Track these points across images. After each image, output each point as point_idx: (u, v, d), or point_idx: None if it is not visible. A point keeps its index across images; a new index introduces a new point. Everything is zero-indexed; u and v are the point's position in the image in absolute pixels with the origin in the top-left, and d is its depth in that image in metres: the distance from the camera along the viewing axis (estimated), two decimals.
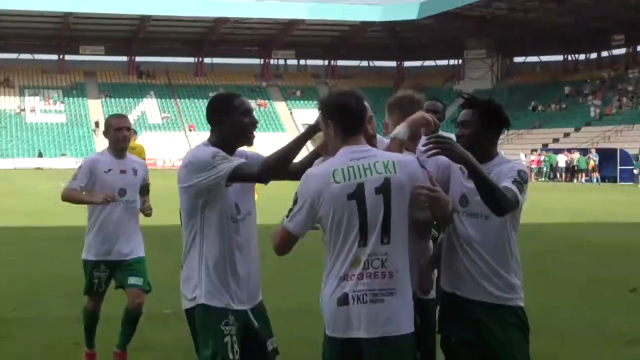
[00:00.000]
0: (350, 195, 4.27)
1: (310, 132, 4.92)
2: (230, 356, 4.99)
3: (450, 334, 4.75)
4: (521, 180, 4.53)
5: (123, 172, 6.57)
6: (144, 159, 23.07)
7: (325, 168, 4.40)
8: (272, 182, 5.15)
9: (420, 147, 4.80)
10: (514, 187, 4.44)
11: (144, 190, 7.56)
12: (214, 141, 5.07)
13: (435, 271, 5.10)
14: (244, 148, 5.22)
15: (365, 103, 4.67)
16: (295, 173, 4.94)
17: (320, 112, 4.59)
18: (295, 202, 4.38)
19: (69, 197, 7.12)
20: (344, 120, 4.42)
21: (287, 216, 4.41)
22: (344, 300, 4.29)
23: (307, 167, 4.82)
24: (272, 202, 17.20)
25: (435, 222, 4.92)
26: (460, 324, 4.68)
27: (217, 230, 4.97)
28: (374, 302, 4.28)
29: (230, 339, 5.02)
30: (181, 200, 5.10)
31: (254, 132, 5.15)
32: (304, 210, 4.35)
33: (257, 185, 19.60)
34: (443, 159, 4.57)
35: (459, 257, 4.77)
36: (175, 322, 9.98)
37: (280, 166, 4.86)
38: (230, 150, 5.03)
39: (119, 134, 6.70)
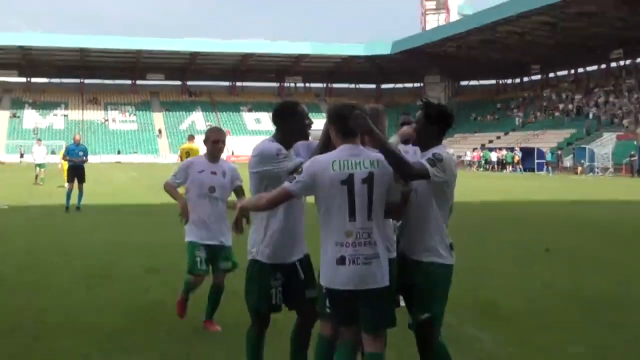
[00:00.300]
0: (342, 181, 4.32)
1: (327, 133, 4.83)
2: (273, 302, 5.09)
3: (399, 281, 4.73)
4: (434, 158, 4.50)
5: (214, 173, 6.41)
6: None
7: (328, 157, 4.42)
8: None
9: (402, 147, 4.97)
10: (425, 162, 4.47)
11: (238, 191, 7.05)
12: (279, 138, 5.01)
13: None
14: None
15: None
16: None
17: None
18: (300, 173, 4.43)
19: (167, 190, 6.93)
20: (341, 125, 4.45)
21: (290, 181, 4.45)
22: (341, 261, 4.31)
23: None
24: None
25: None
26: (404, 274, 4.68)
27: None
28: (365, 265, 4.32)
29: (275, 290, 5.07)
30: (250, 181, 5.09)
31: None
32: (304, 181, 4.39)
33: None
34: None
35: (402, 224, 4.86)
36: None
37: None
38: (290, 144, 5.05)
39: (215, 145, 6.57)
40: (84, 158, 20.55)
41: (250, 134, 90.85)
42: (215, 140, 6.47)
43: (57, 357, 6.10)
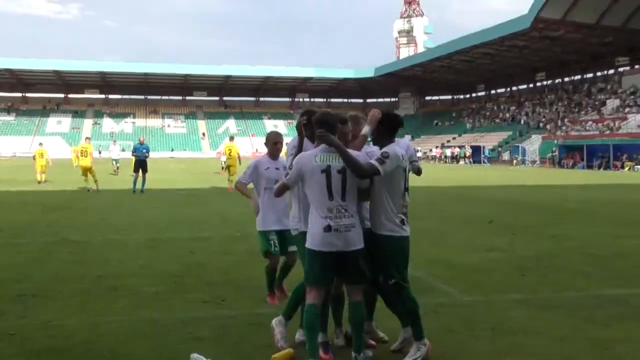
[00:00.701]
0: (322, 170, 4.29)
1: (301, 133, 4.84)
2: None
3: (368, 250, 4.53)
4: (382, 157, 4.36)
5: (277, 169, 6.04)
6: (238, 154, 23.54)
7: (311, 153, 4.39)
8: None
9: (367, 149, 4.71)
10: (375, 162, 4.32)
11: None
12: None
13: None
14: None
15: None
16: None
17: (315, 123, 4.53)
18: (290, 168, 4.42)
19: (238, 188, 6.16)
20: (325, 129, 4.38)
21: (285, 176, 4.46)
22: (328, 229, 4.24)
23: None
24: None
25: None
26: (372, 245, 4.48)
27: None
28: (346, 232, 4.27)
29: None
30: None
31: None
32: (294, 174, 4.38)
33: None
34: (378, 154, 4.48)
35: (369, 207, 4.64)
36: (243, 239, 10.00)
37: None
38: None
39: (275, 146, 6.04)
40: (147, 154, 20.74)
41: None
42: (275, 142, 6.07)
43: (130, 294, 6.07)
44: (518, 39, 61.22)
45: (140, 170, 20.10)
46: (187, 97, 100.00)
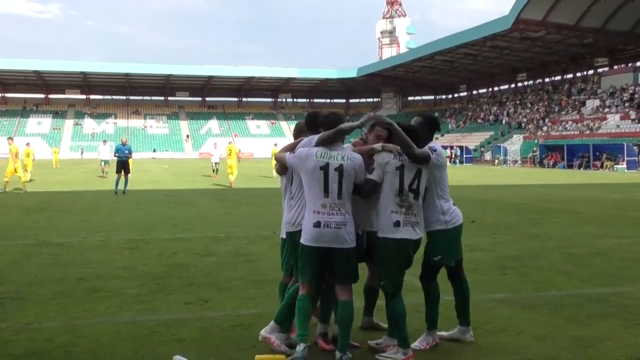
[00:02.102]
0: (321, 167, 4.35)
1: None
2: None
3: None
4: (430, 149, 4.56)
5: None
6: (237, 154, 25.23)
7: (315, 149, 4.43)
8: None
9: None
10: (427, 150, 4.53)
11: None
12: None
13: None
14: None
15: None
16: None
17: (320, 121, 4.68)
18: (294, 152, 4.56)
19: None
20: (326, 127, 4.50)
21: (291, 153, 4.59)
22: (317, 225, 4.29)
23: None
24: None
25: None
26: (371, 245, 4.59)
27: None
28: (336, 229, 4.30)
29: None
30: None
31: None
32: (297, 158, 4.47)
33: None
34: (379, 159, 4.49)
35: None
36: (226, 241, 9.96)
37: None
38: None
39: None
40: (129, 155, 20.60)
41: (252, 136, 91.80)
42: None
43: (111, 296, 6.01)
44: (499, 40, 61.68)
45: (123, 171, 19.98)
46: (170, 98, 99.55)
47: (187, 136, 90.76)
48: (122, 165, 20.06)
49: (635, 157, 41.08)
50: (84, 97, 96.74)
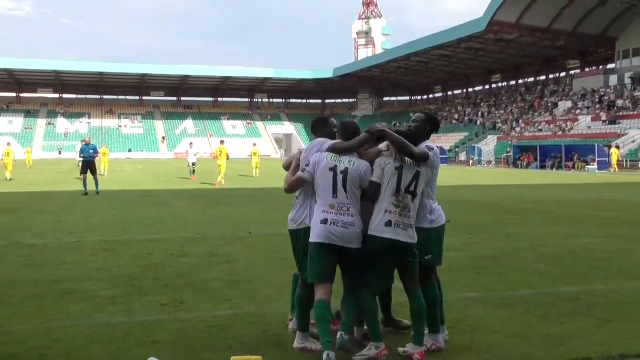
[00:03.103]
0: (330, 169, 4.51)
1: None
2: None
3: None
4: (427, 148, 4.64)
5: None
6: (227, 155, 26.03)
7: (327, 153, 4.61)
8: None
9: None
10: (425, 149, 4.61)
11: None
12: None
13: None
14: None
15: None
16: None
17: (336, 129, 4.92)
18: (307, 165, 4.64)
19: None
20: (343, 135, 4.73)
21: (302, 171, 4.68)
22: (325, 222, 4.44)
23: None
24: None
25: None
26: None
27: None
28: (343, 228, 4.43)
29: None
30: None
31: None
32: (311, 166, 4.61)
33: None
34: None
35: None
36: (202, 241, 9.91)
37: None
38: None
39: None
40: (94, 155, 20.24)
41: (228, 137, 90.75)
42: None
43: (86, 297, 5.95)
44: (474, 42, 62.33)
45: (89, 172, 19.66)
46: (145, 97, 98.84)
47: (163, 138, 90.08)
48: (88, 166, 19.74)
49: (605, 158, 41.76)
50: (57, 96, 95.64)
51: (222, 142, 27.46)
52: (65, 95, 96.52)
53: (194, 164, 29.26)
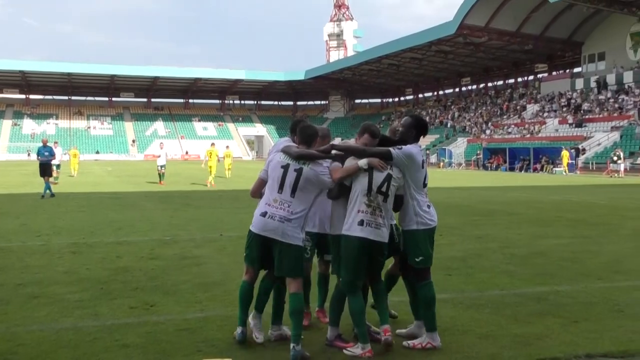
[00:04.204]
0: (282, 166, 4.65)
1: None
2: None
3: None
4: (397, 148, 4.72)
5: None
6: (217, 156, 27.70)
7: (280, 153, 4.76)
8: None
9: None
10: (391, 148, 4.68)
11: None
12: (294, 140, 4.95)
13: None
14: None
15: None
16: None
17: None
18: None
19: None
20: (298, 137, 4.85)
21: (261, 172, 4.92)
22: (264, 214, 4.61)
23: None
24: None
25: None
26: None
27: None
28: (279, 222, 4.54)
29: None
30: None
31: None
32: (266, 167, 4.85)
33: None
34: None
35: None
36: (172, 244, 9.83)
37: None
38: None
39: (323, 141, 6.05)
40: (50, 157, 19.82)
41: (199, 138, 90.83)
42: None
43: (52, 302, 5.84)
44: (444, 45, 62.93)
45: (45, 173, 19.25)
46: (114, 99, 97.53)
47: (133, 141, 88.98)
48: (43, 168, 19.35)
49: (572, 161, 42.46)
50: (23, 96, 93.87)
51: (212, 144, 28.61)
52: (31, 96, 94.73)
53: (162, 167, 26.41)
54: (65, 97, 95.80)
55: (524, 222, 13.08)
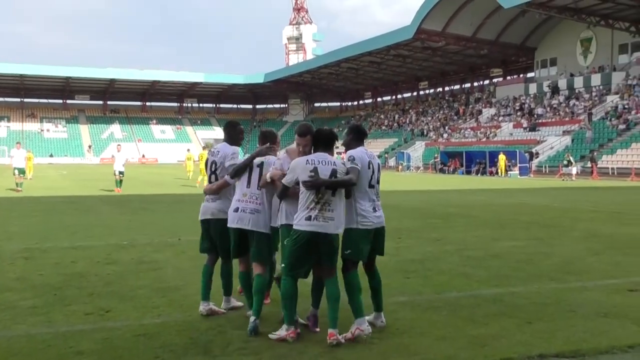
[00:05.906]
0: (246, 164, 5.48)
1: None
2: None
3: None
4: (350, 161, 5.08)
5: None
6: (191, 159, 30.99)
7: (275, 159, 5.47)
8: None
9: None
10: (352, 175, 5.00)
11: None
12: (231, 144, 5.83)
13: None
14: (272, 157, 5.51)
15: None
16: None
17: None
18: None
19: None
20: (261, 140, 5.68)
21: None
22: (236, 210, 5.33)
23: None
24: None
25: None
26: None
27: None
28: (250, 214, 5.28)
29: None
30: (222, 170, 5.74)
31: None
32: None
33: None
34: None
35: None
36: (129, 248, 9.67)
37: (236, 174, 5.47)
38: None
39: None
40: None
41: (156, 141, 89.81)
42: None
43: (3, 309, 5.69)
44: (402, 49, 63.57)
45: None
46: (68, 101, 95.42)
47: (90, 146, 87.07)
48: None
49: (526, 164, 43.35)
50: None
51: (204, 147, 31.94)
52: None
53: (121, 173, 23.33)
54: (18, 99, 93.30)
55: (481, 225, 13.29)
